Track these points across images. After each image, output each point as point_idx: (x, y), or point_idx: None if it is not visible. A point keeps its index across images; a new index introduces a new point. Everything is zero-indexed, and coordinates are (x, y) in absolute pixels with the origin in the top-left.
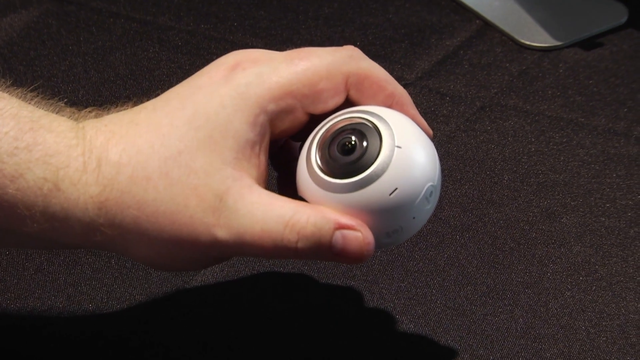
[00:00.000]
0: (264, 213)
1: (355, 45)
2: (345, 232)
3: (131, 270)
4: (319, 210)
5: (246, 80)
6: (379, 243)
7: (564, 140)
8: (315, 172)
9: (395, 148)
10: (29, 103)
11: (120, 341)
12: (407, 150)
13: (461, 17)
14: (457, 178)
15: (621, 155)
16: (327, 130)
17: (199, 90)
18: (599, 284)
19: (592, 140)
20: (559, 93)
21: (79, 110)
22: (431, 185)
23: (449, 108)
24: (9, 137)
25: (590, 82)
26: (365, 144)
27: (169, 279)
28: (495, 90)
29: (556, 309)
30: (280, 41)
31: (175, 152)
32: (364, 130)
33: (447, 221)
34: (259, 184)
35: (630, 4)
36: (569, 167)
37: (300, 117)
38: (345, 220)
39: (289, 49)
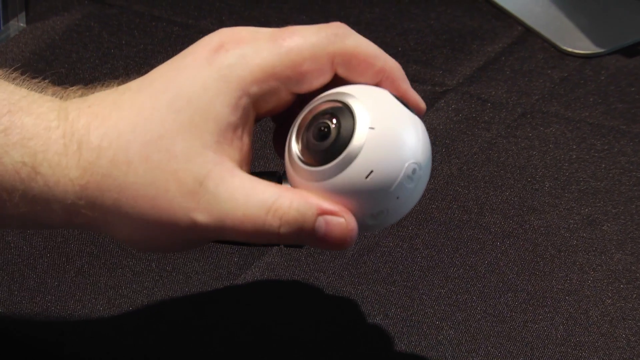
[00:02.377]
0: (246, 198)
1: (397, 51)
2: (328, 217)
3: (171, 274)
4: (301, 195)
5: (228, 62)
6: (365, 225)
7: (605, 147)
8: (295, 161)
9: (368, 129)
10: (11, 83)
11: (160, 344)
12: (380, 131)
13: (503, 23)
14: (498, 184)
15: None
16: (305, 116)
17: (182, 71)
18: (639, 292)
19: (634, 147)
20: (600, 100)
21: (65, 89)
22: (413, 164)
23: (490, 114)
24: None
25: (632, 89)
26: (339, 128)
27: (208, 282)
28: (537, 96)
29: (596, 317)
30: None
31: (156, 136)
32: (339, 114)
33: (488, 228)
34: (242, 167)
35: None
36: (610, 175)
37: (284, 97)
38: (328, 205)
39: None
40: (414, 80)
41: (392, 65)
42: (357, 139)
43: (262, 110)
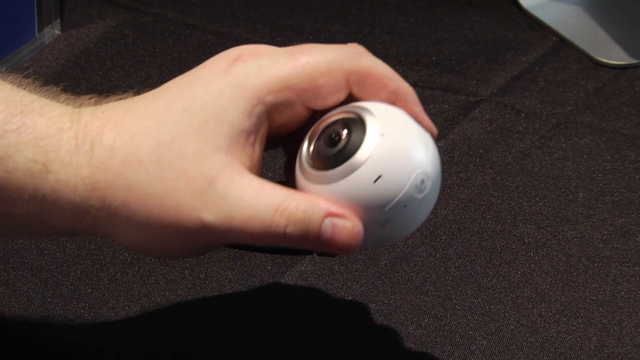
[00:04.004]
0: (254, 198)
1: (431, 61)
2: (335, 220)
3: (205, 282)
4: (309, 198)
5: (246, 71)
6: (373, 235)
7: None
8: (304, 166)
9: (379, 136)
10: (23, 89)
11: (193, 352)
12: (391, 139)
13: (537, 34)
14: (532, 195)
15: None
16: (317, 126)
17: (198, 80)
18: None
19: None
20: (634, 111)
21: (78, 97)
22: (421, 174)
23: (524, 125)
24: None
25: None
26: (349, 135)
27: (242, 291)
28: (571, 107)
29: (630, 328)
30: None
31: (169, 137)
32: (351, 123)
33: (521, 238)
34: (252, 173)
35: None
36: None
37: (299, 111)
38: (335, 208)
39: None
40: (447, 90)
41: (405, 87)
42: (367, 144)
43: (276, 123)
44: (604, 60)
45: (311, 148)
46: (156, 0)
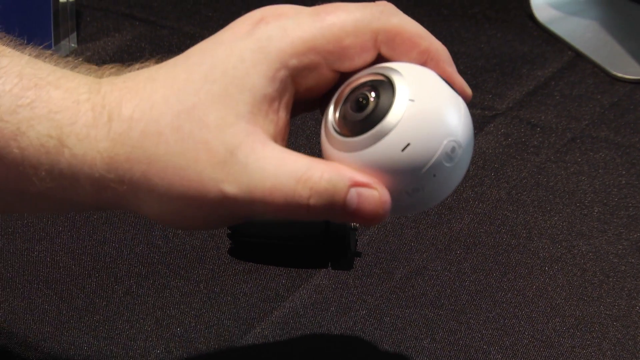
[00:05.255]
0: (276, 168)
1: None
2: (361, 189)
3: (220, 295)
4: (334, 167)
5: (268, 34)
6: (401, 204)
7: None
8: (330, 132)
9: (408, 101)
10: (43, 60)
11: None
12: (421, 104)
13: (553, 48)
14: (547, 209)
15: None
16: (344, 89)
17: (220, 45)
18: None
19: None
20: None
21: (100, 67)
22: (452, 142)
23: (540, 139)
24: (11, 94)
25: None
26: (377, 99)
27: (257, 304)
28: (587, 121)
29: None
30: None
31: (189, 106)
32: (379, 86)
33: (536, 252)
34: (276, 141)
35: None
36: None
37: (326, 74)
38: (361, 177)
39: None
40: None
41: (438, 46)
42: (396, 111)
43: (302, 87)
44: (620, 74)
45: (337, 113)
46: (172, 14)
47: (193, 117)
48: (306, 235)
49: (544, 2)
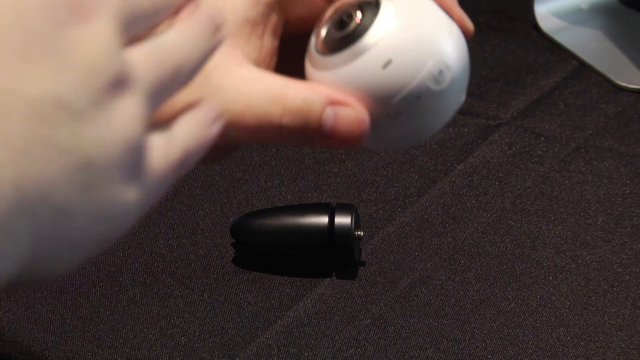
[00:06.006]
0: (250, 87)
1: None
2: (338, 108)
3: (224, 304)
4: (310, 86)
5: None
6: (383, 130)
7: None
8: (311, 52)
9: (393, 18)
10: None
11: None
12: (407, 21)
13: (557, 57)
14: (551, 219)
15: None
16: (330, 9)
17: None
18: None
19: None
20: None
21: None
22: (440, 63)
23: (544, 148)
24: None
25: None
26: (362, 18)
27: (261, 313)
28: (591, 131)
29: None
30: None
31: None
32: (365, 6)
33: (540, 262)
34: (260, 67)
35: None
36: None
37: (316, 1)
38: (338, 95)
39: None
40: (467, 114)
41: None
42: (379, 27)
43: (292, 16)
44: (624, 84)
45: (321, 32)
46: None
47: None
48: (310, 244)
49: (548, 11)
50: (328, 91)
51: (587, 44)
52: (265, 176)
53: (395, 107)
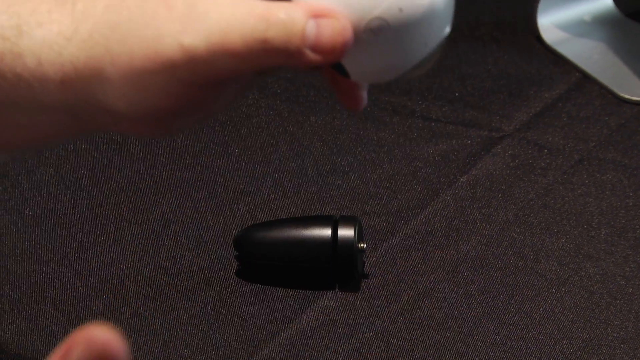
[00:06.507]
0: (234, 9)
1: (454, 96)
2: (320, 19)
3: (227, 317)
4: (293, 3)
5: None
6: (368, 46)
7: None
8: None
9: None
10: None
11: None
12: None
13: (560, 70)
14: (554, 231)
15: None
16: None
17: None
18: None
19: None
20: None
21: None
22: None
23: (547, 160)
24: None
25: None
26: None
27: (264, 326)
28: (594, 143)
29: None
30: (378, 90)
31: None
32: None
33: (543, 274)
34: None
35: None
36: None
37: None
38: (319, 8)
39: (385, 94)
40: (470, 126)
41: None
42: None
43: None
44: (627, 96)
45: None
46: None
47: None
48: (313, 256)
49: (551, 23)
50: (310, 5)
51: (590, 56)
52: (268, 188)
53: (377, 19)
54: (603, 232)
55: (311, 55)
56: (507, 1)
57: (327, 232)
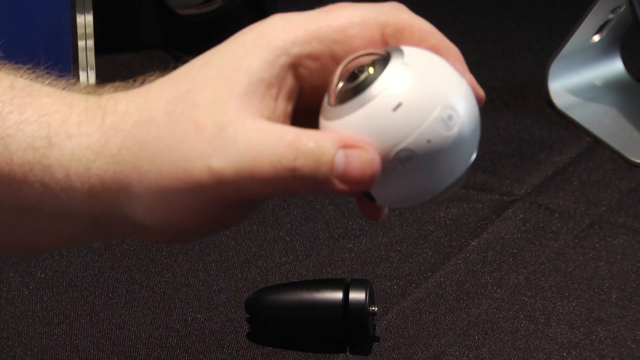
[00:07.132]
0: (263, 135)
1: None
2: (349, 150)
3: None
4: (323, 133)
5: (272, 24)
6: (395, 175)
7: None
8: (324, 105)
9: (402, 65)
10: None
11: None
12: (415, 67)
13: (571, 134)
14: (565, 295)
15: None
16: (341, 67)
17: (226, 42)
18: None
19: None
20: None
21: (103, 86)
22: (449, 108)
23: (558, 224)
24: (1, 102)
25: None
26: (372, 68)
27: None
28: (605, 207)
29: None
30: None
31: (184, 91)
32: (376, 59)
33: (555, 338)
34: None
35: None
36: None
37: (330, 67)
38: (349, 139)
39: None
40: (481, 189)
41: (448, 44)
42: (389, 74)
43: (306, 82)
44: (638, 160)
45: (333, 87)
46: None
47: (185, 100)
48: (325, 319)
49: (562, 88)
50: (340, 135)
51: (601, 120)
52: (279, 251)
53: (405, 150)
54: (614, 296)
55: (339, 185)
56: (518, 66)
57: (338, 295)
